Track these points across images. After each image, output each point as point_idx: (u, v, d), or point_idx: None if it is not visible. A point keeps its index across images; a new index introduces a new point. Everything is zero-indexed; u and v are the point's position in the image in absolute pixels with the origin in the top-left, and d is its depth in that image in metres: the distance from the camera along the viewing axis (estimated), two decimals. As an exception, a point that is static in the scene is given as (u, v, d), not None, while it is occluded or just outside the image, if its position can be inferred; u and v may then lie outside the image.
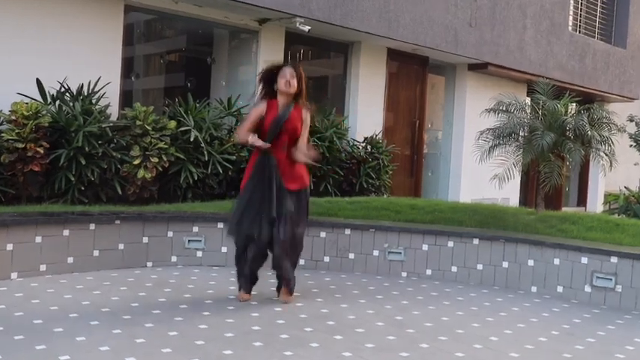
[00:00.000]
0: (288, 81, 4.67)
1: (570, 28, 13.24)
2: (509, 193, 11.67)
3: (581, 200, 15.11)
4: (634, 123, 12.55)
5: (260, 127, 4.71)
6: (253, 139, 4.65)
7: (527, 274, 5.85)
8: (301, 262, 6.00)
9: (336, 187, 8.83)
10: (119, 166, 6.67)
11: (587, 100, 12.28)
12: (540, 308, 5.21)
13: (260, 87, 4.84)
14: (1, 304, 4.37)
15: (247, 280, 4.89)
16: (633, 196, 12.62)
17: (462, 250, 6.09)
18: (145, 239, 5.85)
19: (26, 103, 6.30)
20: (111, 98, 7.16)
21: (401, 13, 9.45)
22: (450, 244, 6.12)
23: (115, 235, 5.68)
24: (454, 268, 6.11)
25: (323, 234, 6.23)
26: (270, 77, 4.77)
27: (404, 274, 6.18)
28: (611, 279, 5.40)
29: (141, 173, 6.63)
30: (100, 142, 6.56)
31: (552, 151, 6.87)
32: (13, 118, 6.19)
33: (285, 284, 4.89)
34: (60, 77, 6.79)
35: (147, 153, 6.70)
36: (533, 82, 8.29)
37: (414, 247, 6.18)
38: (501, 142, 7.13)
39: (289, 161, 4.74)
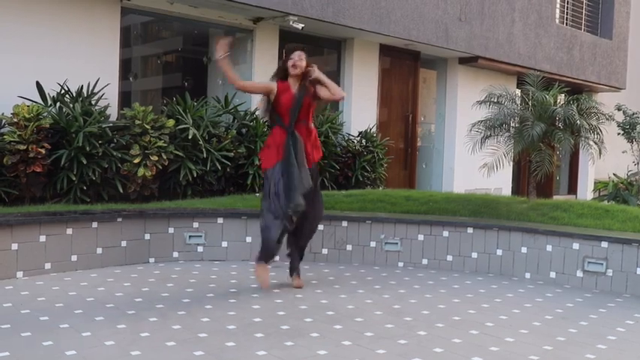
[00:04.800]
0: (295, 62, 4.95)
1: (557, 20, 13.24)
2: (501, 183, 11.70)
3: (572, 188, 15.14)
4: (621, 112, 12.59)
5: (275, 106, 4.93)
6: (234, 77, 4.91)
7: (520, 261, 5.87)
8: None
9: (333, 181, 8.83)
10: (119, 165, 6.66)
11: (576, 90, 12.32)
12: (534, 294, 5.22)
13: (275, 72, 5.13)
14: (8, 302, 4.36)
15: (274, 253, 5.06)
16: (622, 183, 12.67)
17: (456, 240, 6.10)
18: (147, 236, 5.85)
19: (27, 106, 6.28)
20: (110, 99, 7.15)
21: (392, 10, 9.44)
22: (445, 233, 6.13)
23: (118, 233, 5.67)
24: (449, 257, 6.12)
25: (321, 227, 6.18)
26: (284, 64, 5.05)
27: (400, 264, 6.18)
28: (602, 264, 5.42)
29: (141, 171, 6.61)
30: (100, 142, 6.55)
31: (543, 141, 6.87)
32: (15, 120, 6.17)
33: (298, 269, 5.10)
34: (60, 79, 6.77)
35: (146, 152, 6.69)
36: (522, 74, 8.30)
37: (410, 237, 6.19)
38: (493, 133, 7.13)
39: (306, 136, 4.98)
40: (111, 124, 6.78)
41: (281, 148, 4.86)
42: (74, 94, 6.81)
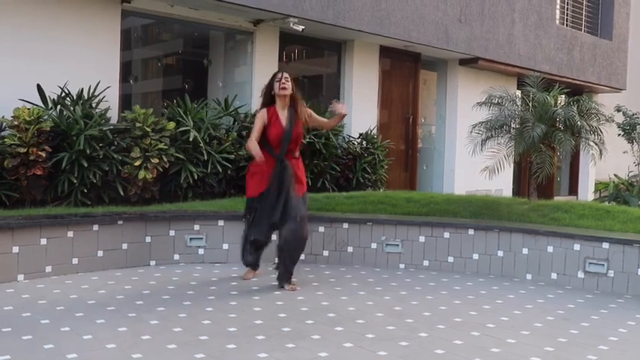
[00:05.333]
0: (283, 84, 5.02)
1: (557, 21, 13.23)
2: (502, 185, 11.69)
3: (573, 189, 15.12)
4: (621, 113, 12.58)
5: (265, 135, 5.04)
6: (261, 160, 4.96)
7: (521, 262, 5.86)
8: (301, 256, 6.01)
9: (334, 183, 8.83)
10: (120, 167, 6.65)
11: (576, 91, 12.30)
12: (535, 295, 5.21)
13: (261, 98, 5.22)
14: (9, 305, 4.36)
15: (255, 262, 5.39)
16: (622, 183, 12.66)
17: (457, 241, 6.09)
18: (148, 239, 5.85)
19: (28, 109, 6.28)
20: (110, 102, 7.14)
21: (392, 11, 9.44)
22: (446, 235, 6.13)
23: (118, 236, 5.67)
24: (450, 259, 6.11)
25: (322, 228, 6.22)
26: (269, 87, 5.14)
27: (402, 266, 6.18)
28: (603, 264, 5.41)
29: (142, 174, 6.61)
30: (100, 144, 6.55)
31: (543, 142, 6.87)
32: (16, 123, 6.16)
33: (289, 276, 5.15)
34: (60, 82, 6.77)
35: (147, 154, 6.69)
36: (523, 75, 8.29)
37: (411, 239, 6.18)
38: (493, 134, 7.13)
39: (295, 166, 5.12)
40: (111, 127, 6.77)
41: (266, 176, 4.96)
42: (75, 97, 6.81)
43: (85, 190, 6.55)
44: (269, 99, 5.12)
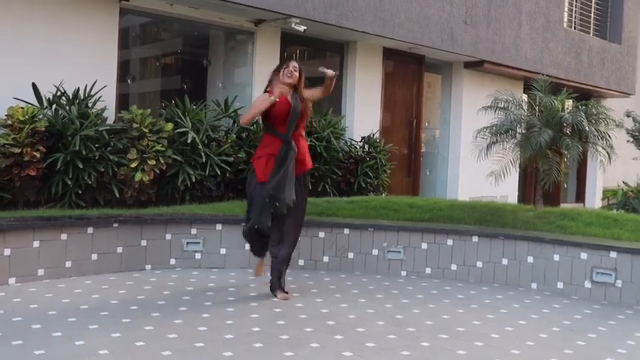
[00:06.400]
0: (290, 70, 5.01)
1: (565, 24, 13.24)
2: (507, 191, 11.66)
3: (580, 196, 15.10)
4: (631, 118, 12.56)
5: (269, 114, 4.96)
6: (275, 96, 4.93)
7: (526, 270, 5.84)
8: (300, 262, 6.03)
9: (335, 187, 8.81)
10: (116, 169, 6.64)
11: (584, 96, 12.30)
12: (541, 305, 5.19)
13: (268, 82, 5.17)
14: (0, 309, 4.34)
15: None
16: (631, 191, 12.62)
17: (461, 248, 6.07)
18: (144, 242, 5.83)
19: (22, 108, 6.27)
20: (107, 101, 7.13)
21: (396, 12, 9.44)
22: (449, 242, 6.11)
23: (113, 239, 5.66)
24: (454, 266, 6.10)
25: (322, 234, 6.21)
26: (276, 71, 5.11)
27: (403, 273, 6.16)
28: (611, 274, 5.39)
29: (138, 176, 6.60)
30: (96, 145, 6.54)
31: (550, 148, 6.85)
32: (9, 122, 6.15)
33: (282, 282, 5.06)
34: (56, 81, 6.76)
35: (144, 156, 6.68)
36: (529, 78, 8.29)
37: (413, 245, 6.17)
38: (499, 139, 7.11)
39: (299, 144, 5.04)
40: (108, 128, 6.76)
41: (272, 160, 4.90)
42: (71, 97, 6.80)
43: (80, 192, 6.53)
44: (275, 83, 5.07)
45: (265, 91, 5.09)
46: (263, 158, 4.95)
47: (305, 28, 8.55)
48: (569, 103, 7.64)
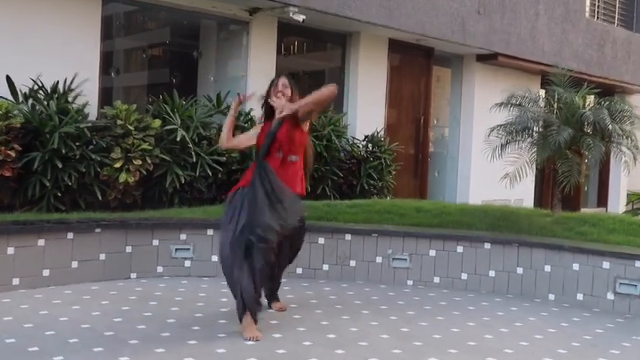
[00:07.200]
0: (280, 91, 4.68)
1: (587, 14, 13.26)
2: (522, 194, 11.68)
3: (602, 200, 15.11)
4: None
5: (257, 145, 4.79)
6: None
7: (543, 280, 5.84)
8: (298, 270, 6.04)
9: (335, 190, 8.82)
10: (99, 169, 6.65)
11: (607, 91, 12.30)
12: (559, 318, 5.20)
13: (262, 110, 4.90)
14: (-28, 321, 4.35)
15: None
16: (658, 195, 12.63)
17: (472, 256, 6.08)
18: (128, 249, 5.84)
19: (-4, 103, 6.28)
20: (89, 96, 7.14)
21: (403, 1, 9.46)
22: (460, 249, 6.12)
23: (96, 245, 5.66)
24: (464, 275, 6.10)
25: (322, 240, 6.21)
26: (267, 94, 4.78)
27: (410, 283, 6.17)
28: (635, 285, 5.39)
29: (123, 177, 6.61)
30: (77, 143, 6.54)
31: (570, 148, 6.86)
32: (-18, 118, 6.17)
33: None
34: (33, 74, 6.77)
35: (129, 155, 6.69)
36: (547, 73, 8.30)
37: (421, 252, 6.17)
38: (514, 138, 7.13)
39: (284, 170, 4.64)
40: (90, 124, 6.77)
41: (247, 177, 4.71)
42: (49, 91, 6.81)
43: (59, 194, 6.54)
44: (268, 109, 4.79)
45: (265, 115, 4.83)
46: (241, 181, 4.78)
47: (304, 17, 8.57)
48: (590, 100, 7.65)
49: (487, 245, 6.07)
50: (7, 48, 6.81)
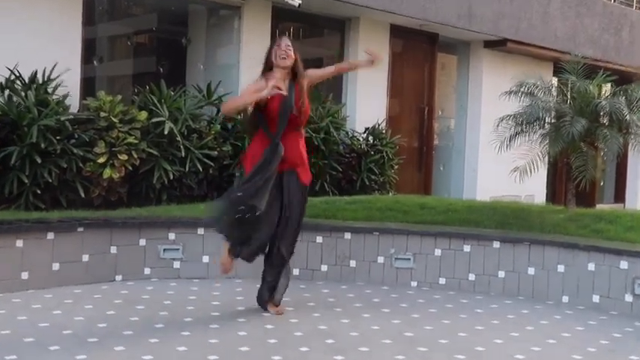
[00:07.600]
0: (283, 50, 4.91)
1: (603, -4, 13.25)
2: (534, 189, 11.67)
3: (619, 196, 15.13)
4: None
5: (264, 110, 4.88)
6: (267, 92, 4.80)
7: (557, 281, 5.85)
8: (295, 271, 6.03)
9: (334, 185, 8.83)
10: (81, 165, 6.65)
11: (625, 79, 12.26)
12: (573, 321, 5.20)
13: (262, 67, 5.07)
14: (-54, 327, 4.34)
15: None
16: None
17: (480, 255, 6.08)
18: (113, 249, 5.83)
19: (-29, 94, 6.28)
20: (70, 87, 7.14)
21: (405, -17, 9.44)
22: (467, 248, 6.12)
23: (78, 246, 5.65)
24: (472, 276, 6.10)
25: (320, 239, 6.21)
26: (269, 53, 5.01)
27: (414, 284, 6.17)
28: (655, 286, 5.40)
29: (107, 173, 6.61)
30: (58, 137, 6.54)
31: (584, 140, 6.86)
32: (-44, 111, 6.16)
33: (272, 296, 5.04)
34: (9, 63, 6.75)
35: (114, 149, 6.68)
36: (560, 59, 8.30)
37: (425, 252, 6.17)
38: (524, 130, 7.13)
39: (293, 145, 4.95)
40: (71, 117, 6.77)
41: (256, 160, 4.82)
42: (27, 81, 6.80)
43: (39, 192, 6.53)
44: (268, 69, 4.99)
45: (263, 74, 4.98)
46: (249, 156, 4.95)
47: (300, 2, 8.54)
48: (606, 88, 7.65)
49: (496, 244, 6.06)
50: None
